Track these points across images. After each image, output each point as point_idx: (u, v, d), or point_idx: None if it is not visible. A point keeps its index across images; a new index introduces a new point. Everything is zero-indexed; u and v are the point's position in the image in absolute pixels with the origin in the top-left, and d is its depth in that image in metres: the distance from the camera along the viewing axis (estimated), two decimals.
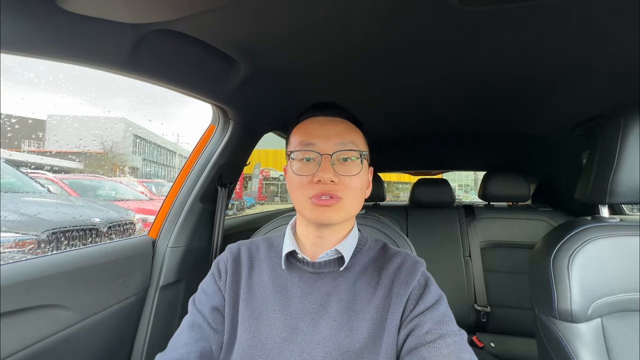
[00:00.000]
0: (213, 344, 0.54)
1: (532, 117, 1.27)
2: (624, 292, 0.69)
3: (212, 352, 0.54)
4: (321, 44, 0.72)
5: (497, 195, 1.63)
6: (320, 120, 0.58)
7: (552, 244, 0.74)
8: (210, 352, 0.53)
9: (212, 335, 0.55)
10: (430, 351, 0.44)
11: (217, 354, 0.54)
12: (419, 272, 0.54)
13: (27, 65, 0.92)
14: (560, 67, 0.82)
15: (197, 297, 0.59)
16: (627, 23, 0.62)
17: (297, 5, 0.58)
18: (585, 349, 0.67)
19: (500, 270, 1.55)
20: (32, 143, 4.72)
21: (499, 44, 0.72)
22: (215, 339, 0.55)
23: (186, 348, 0.52)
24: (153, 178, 12.35)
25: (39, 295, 0.65)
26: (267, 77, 0.88)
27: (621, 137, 0.70)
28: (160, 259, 0.97)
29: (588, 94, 0.98)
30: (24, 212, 1.86)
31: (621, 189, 0.70)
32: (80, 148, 6.86)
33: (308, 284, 0.55)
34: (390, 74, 0.90)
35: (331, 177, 0.51)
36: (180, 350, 0.52)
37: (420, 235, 1.66)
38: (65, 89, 11.68)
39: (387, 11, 0.60)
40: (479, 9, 0.58)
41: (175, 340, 0.55)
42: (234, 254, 0.61)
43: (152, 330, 0.92)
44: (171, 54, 0.68)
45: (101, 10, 0.51)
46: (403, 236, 0.83)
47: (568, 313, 0.68)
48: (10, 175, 2.35)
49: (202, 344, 0.53)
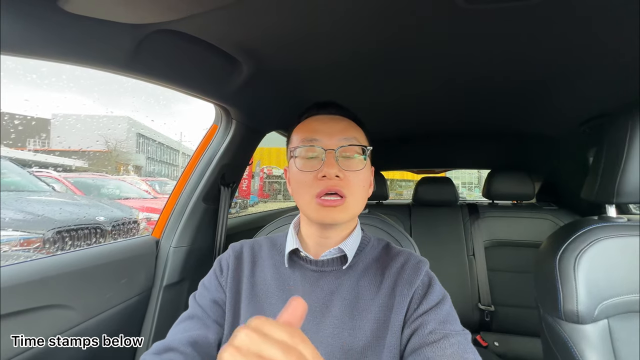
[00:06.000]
0: (211, 334, 0.53)
1: (537, 115, 1.25)
2: (632, 293, 0.68)
3: (207, 340, 0.52)
4: (324, 44, 0.71)
5: (501, 194, 1.62)
6: (323, 118, 0.58)
7: (558, 244, 0.73)
8: (206, 340, 0.52)
9: (210, 325, 0.54)
10: (434, 351, 0.44)
11: (215, 343, 0.53)
12: (422, 271, 0.54)
13: (28, 65, 0.93)
14: (562, 65, 0.81)
15: (198, 292, 0.59)
16: (629, 21, 0.61)
17: (299, 5, 0.57)
18: (591, 350, 0.66)
19: (504, 269, 1.54)
20: (38, 142, 4.77)
21: (503, 42, 0.71)
22: (213, 329, 0.53)
23: (178, 335, 0.51)
24: (157, 176, 12.43)
25: (43, 296, 0.66)
26: (270, 76, 0.88)
27: (629, 136, 0.69)
28: (164, 258, 0.98)
29: (591, 92, 0.96)
30: (29, 211, 1.88)
31: (629, 188, 0.69)
32: (85, 147, 6.91)
33: (311, 282, 0.55)
34: (394, 73, 0.89)
35: (336, 172, 0.51)
36: (172, 337, 0.51)
37: (424, 233, 1.65)
38: (67, 89, 11.75)
39: (391, 11, 0.59)
40: (485, 7, 0.57)
41: (171, 331, 0.54)
42: (236, 252, 0.61)
43: (156, 329, 0.93)
44: (173, 54, 0.68)
45: (103, 11, 0.51)
46: (406, 235, 0.83)
47: (574, 314, 0.68)
48: (16, 174, 2.37)
49: (196, 332, 0.52)
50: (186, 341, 0.50)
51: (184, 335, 0.51)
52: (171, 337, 0.52)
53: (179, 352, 0.49)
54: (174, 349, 0.49)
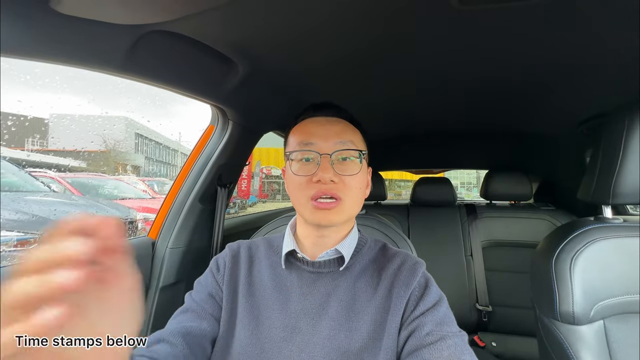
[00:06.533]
0: (205, 324, 0.52)
1: (536, 115, 1.25)
2: (627, 294, 0.68)
3: (201, 330, 0.51)
4: (320, 44, 0.71)
5: (499, 194, 1.62)
6: (319, 120, 0.57)
7: (554, 245, 0.73)
8: (199, 331, 0.51)
9: (205, 316, 0.53)
10: (430, 353, 0.44)
11: (210, 334, 0.52)
12: (419, 272, 0.54)
13: (25, 65, 0.91)
14: (561, 65, 0.81)
15: (194, 290, 0.58)
16: (627, 21, 0.60)
17: (294, 6, 0.57)
18: (587, 351, 0.66)
19: (502, 269, 1.55)
20: (35, 142, 4.74)
21: (498, 43, 0.71)
22: (208, 320, 0.53)
23: (170, 327, 0.51)
24: (155, 176, 12.41)
25: None
26: (266, 77, 0.87)
27: (625, 137, 0.68)
28: (160, 259, 0.97)
29: (590, 92, 0.96)
30: (26, 211, 1.87)
31: (625, 189, 0.69)
32: (81, 147, 6.90)
33: (307, 283, 0.55)
34: (390, 74, 0.89)
35: (331, 176, 0.51)
36: (165, 329, 0.51)
37: (422, 234, 1.65)
38: (61, 90, 11.59)
39: (387, 12, 0.59)
40: (479, 8, 0.57)
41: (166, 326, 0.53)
42: (233, 251, 0.61)
43: (152, 331, 0.92)
44: (168, 55, 0.67)
45: (96, 11, 0.50)
46: (404, 237, 0.83)
47: (570, 315, 0.68)
48: (13, 174, 2.36)
49: (189, 324, 0.51)
50: (177, 332, 0.49)
51: (176, 326, 0.51)
52: (164, 329, 0.51)
53: (167, 342, 0.48)
54: (164, 339, 0.48)
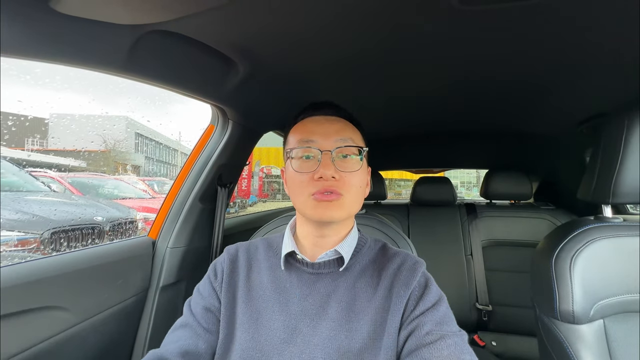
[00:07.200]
0: (202, 342, 0.54)
1: (536, 115, 1.25)
2: (627, 293, 0.68)
3: (197, 350, 0.53)
4: (320, 44, 0.71)
5: (499, 194, 1.62)
6: (319, 119, 0.58)
7: (554, 245, 0.73)
8: (196, 350, 0.53)
9: (201, 334, 0.54)
10: (430, 352, 0.44)
11: (207, 352, 0.54)
12: (419, 272, 0.54)
13: (23, 65, 0.91)
14: (561, 65, 0.81)
15: (193, 299, 0.59)
16: (626, 22, 0.60)
17: (294, 6, 0.57)
18: (587, 350, 0.66)
19: (501, 268, 1.55)
20: (35, 142, 4.75)
21: (499, 43, 0.71)
22: (205, 338, 0.54)
23: (169, 346, 0.53)
24: (155, 176, 12.40)
25: (39, 297, 0.65)
26: (266, 77, 0.87)
27: (625, 136, 0.68)
28: (160, 259, 0.97)
29: (590, 92, 0.96)
30: (26, 211, 1.87)
31: (624, 189, 0.69)
32: (81, 147, 6.89)
33: (307, 284, 0.55)
34: (390, 74, 0.89)
35: (332, 173, 0.51)
36: (165, 347, 0.53)
37: (422, 233, 1.65)
38: (61, 90, 11.58)
39: (387, 12, 0.59)
40: (479, 9, 0.57)
41: (165, 339, 0.55)
42: (231, 255, 0.61)
43: (152, 331, 0.93)
44: (169, 54, 0.67)
45: (96, 11, 0.50)
46: (403, 236, 0.83)
47: (570, 314, 0.68)
48: (14, 174, 2.36)
49: (187, 342, 0.53)
50: (177, 352, 0.51)
51: (175, 345, 0.52)
52: (164, 347, 0.53)
53: None
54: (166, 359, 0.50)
